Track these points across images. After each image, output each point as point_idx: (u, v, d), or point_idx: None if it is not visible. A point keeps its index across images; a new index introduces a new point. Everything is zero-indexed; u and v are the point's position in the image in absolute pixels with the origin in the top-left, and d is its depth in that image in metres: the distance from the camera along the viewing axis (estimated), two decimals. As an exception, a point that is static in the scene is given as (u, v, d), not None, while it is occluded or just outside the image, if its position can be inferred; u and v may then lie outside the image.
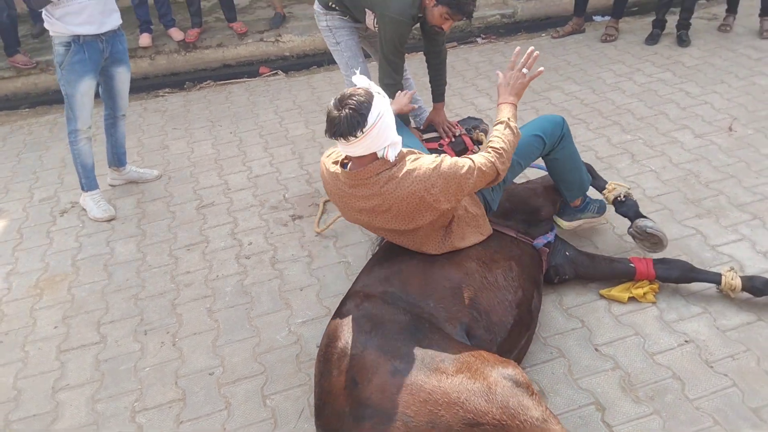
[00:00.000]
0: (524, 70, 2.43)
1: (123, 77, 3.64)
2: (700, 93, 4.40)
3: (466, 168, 2.16)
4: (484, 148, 2.32)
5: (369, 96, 2.04)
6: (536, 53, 2.44)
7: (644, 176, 3.55)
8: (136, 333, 2.84)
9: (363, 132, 2.00)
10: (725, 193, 3.32)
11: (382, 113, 2.05)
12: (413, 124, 3.61)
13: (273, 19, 6.12)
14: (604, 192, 2.95)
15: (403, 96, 2.95)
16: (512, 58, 2.46)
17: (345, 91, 2.07)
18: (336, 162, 2.28)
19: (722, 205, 3.24)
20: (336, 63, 3.65)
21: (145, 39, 5.73)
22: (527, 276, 2.47)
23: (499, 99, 2.44)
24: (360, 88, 2.08)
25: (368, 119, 2.00)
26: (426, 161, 2.16)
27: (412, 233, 2.33)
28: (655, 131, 4.00)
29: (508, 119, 2.35)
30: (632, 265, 2.71)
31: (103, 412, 2.47)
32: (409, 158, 2.18)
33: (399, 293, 2.18)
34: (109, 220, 3.65)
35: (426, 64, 3.54)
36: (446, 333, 2.07)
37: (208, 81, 5.56)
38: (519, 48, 2.47)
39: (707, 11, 5.81)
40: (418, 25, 3.38)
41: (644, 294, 2.69)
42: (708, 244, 2.98)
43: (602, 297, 2.74)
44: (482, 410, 1.77)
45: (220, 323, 2.85)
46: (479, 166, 2.19)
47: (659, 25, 5.33)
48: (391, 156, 2.11)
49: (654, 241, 2.79)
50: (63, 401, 2.54)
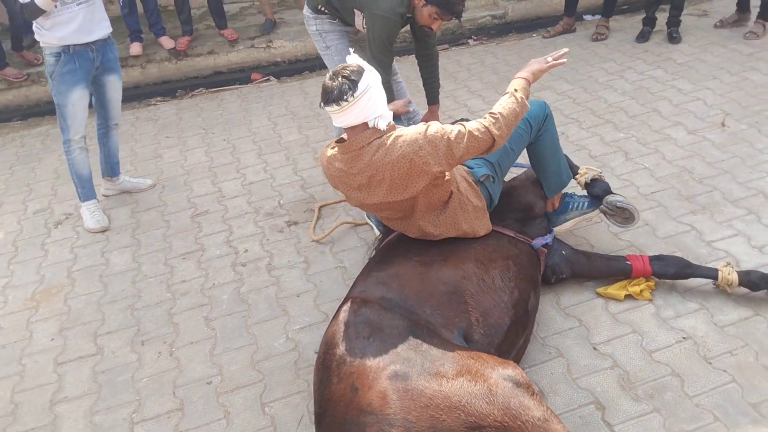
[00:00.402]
0: (548, 58, 2.50)
1: (114, 86, 3.63)
2: (692, 89, 4.41)
3: (456, 132, 2.23)
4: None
5: (360, 68, 2.20)
6: (566, 50, 2.54)
7: (638, 174, 3.56)
8: (133, 343, 2.83)
9: (354, 97, 2.14)
10: (719, 189, 3.33)
11: (372, 84, 2.19)
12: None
13: (264, 26, 6.12)
14: (577, 177, 2.93)
15: (400, 101, 3.05)
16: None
17: (338, 66, 2.22)
18: (333, 147, 2.38)
19: (717, 201, 3.25)
20: (327, 67, 3.64)
21: (136, 48, 5.72)
22: (524, 276, 2.46)
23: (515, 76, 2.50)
24: (352, 64, 2.22)
25: (359, 86, 2.15)
26: (414, 127, 2.26)
27: (411, 213, 2.37)
28: (648, 129, 4.01)
29: (515, 90, 2.38)
30: (629, 263, 2.72)
31: (102, 424, 2.45)
32: (399, 128, 2.29)
33: (397, 299, 2.17)
34: (103, 231, 3.64)
35: (418, 68, 3.55)
36: (444, 338, 2.06)
37: (200, 88, 5.55)
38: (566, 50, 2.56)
39: (697, 8, 5.84)
40: (409, 28, 3.39)
41: (641, 291, 2.69)
42: (703, 240, 2.99)
43: (599, 295, 2.74)
44: (484, 413, 1.76)
45: (218, 331, 2.84)
46: (470, 131, 2.24)
47: (649, 23, 5.35)
48: (382, 125, 2.23)
49: (625, 216, 2.80)
50: (61, 414, 2.52)
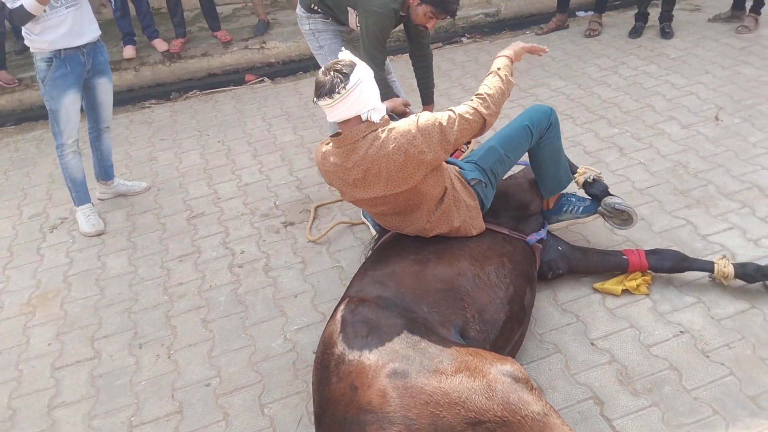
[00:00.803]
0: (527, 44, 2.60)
1: (105, 88, 3.62)
2: (686, 84, 4.43)
3: (446, 118, 2.26)
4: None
5: (352, 63, 2.22)
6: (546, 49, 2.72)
7: (633, 169, 3.56)
8: (131, 347, 2.82)
9: (346, 89, 2.16)
10: (714, 183, 3.34)
11: (364, 78, 2.21)
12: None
13: (257, 27, 6.11)
14: (575, 176, 2.91)
15: (399, 99, 3.06)
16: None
17: (330, 62, 2.25)
18: (327, 143, 2.39)
19: (711, 195, 3.26)
20: (320, 67, 3.64)
21: (129, 51, 5.71)
22: (520, 272, 2.47)
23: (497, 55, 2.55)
24: (344, 59, 2.25)
25: (350, 78, 2.17)
26: (405, 120, 2.28)
27: (405, 209, 2.38)
28: (642, 124, 4.01)
29: (498, 69, 2.42)
30: (625, 257, 2.72)
31: (100, 428, 2.45)
32: (395, 122, 2.31)
33: (393, 298, 2.17)
34: (99, 235, 3.63)
35: (412, 68, 3.55)
36: (442, 335, 2.06)
37: (194, 91, 5.54)
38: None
39: (689, 2, 5.85)
40: (402, 27, 3.39)
41: (637, 286, 2.70)
42: (699, 234, 3.00)
43: (596, 291, 2.75)
44: (483, 408, 1.76)
45: (215, 333, 2.83)
46: (461, 114, 2.28)
47: (642, 18, 5.36)
48: (375, 118, 2.25)
49: (623, 218, 2.80)
50: (59, 419, 2.51)
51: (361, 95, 2.19)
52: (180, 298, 3.08)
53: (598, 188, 2.86)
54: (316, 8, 3.35)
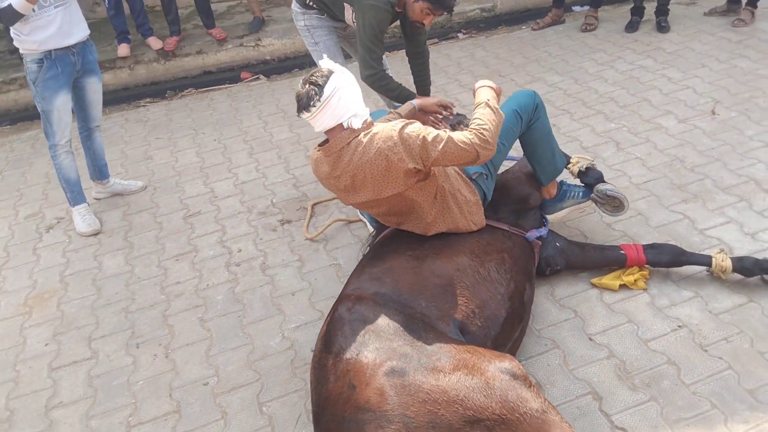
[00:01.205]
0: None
1: (95, 87, 3.60)
2: (682, 78, 4.42)
3: (434, 135, 2.20)
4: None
5: (328, 72, 2.21)
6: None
7: (630, 164, 3.56)
8: (128, 346, 2.81)
9: (321, 102, 2.16)
10: (711, 177, 3.34)
11: (341, 85, 2.19)
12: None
13: (252, 24, 6.08)
14: (569, 166, 2.92)
15: (432, 98, 2.92)
16: None
17: (308, 72, 2.25)
18: (318, 150, 2.38)
19: (708, 189, 3.25)
20: (316, 64, 3.63)
21: (124, 49, 5.68)
22: (519, 268, 2.46)
23: (475, 85, 2.48)
24: (322, 68, 2.24)
25: (324, 90, 2.16)
26: (390, 124, 2.24)
27: (402, 209, 2.37)
28: (639, 118, 4.01)
29: (487, 100, 2.35)
30: (622, 252, 2.72)
31: (98, 429, 2.44)
32: (376, 125, 2.28)
33: (391, 294, 2.17)
34: (95, 234, 3.62)
35: (409, 65, 3.54)
36: (440, 331, 2.06)
37: (190, 89, 5.52)
38: None
39: (685, -4, 5.84)
40: (399, 24, 3.38)
41: (635, 281, 2.69)
42: (696, 229, 2.99)
43: (594, 286, 2.74)
44: (482, 406, 1.76)
45: (213, 332, 2.82)
46: (451, 137, 2.20)
47: (638, 12, 5.35)
48: (356, 124, 2.23)
49: (615, 204, 2.82)
50: (57, 419, 2.50)
51: (339, 103, 2.18)
52: (177, 297, 3.07)
53: (593, 176, 2.88)
54: (312, 4, 3.34)
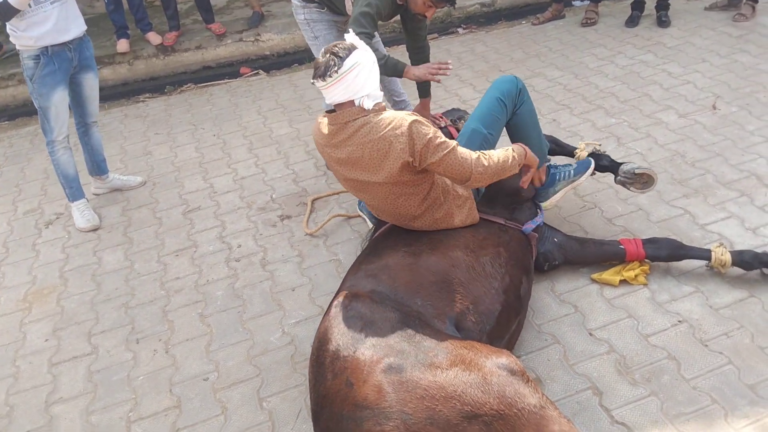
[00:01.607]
0: None
1: (91, 83, 3.59)
2: (683, 73, 4.41)
3: (440, 141, 2.21)
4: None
5: (351, 47, 2.22)
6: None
7: (631, 159, 3.54)
8: (128, 342, 2.81)
9: (338, 73, 2.17)
10: (712, 172, 3.33)
11: (361, 63, 2.20)
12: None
13: (251, 19, 6.07)
14: (576, 152, 2.95)
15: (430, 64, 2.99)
16: None
17: (332, 44, 2.25)
18: (324, 116, 2.39)
19: (709, 184, 3.25)
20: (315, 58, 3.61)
21: (123, 44, 5.67)
22: (515, 262, 2.45)
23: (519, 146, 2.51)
24: (346, 42, 2.25)
25: (345, 63, 2.17)
26: (403, 114, 2.24)
27: (389, 201, 2.37)
28: (640, 113, 4.00)
29: (513, 150, 2.40)
30: (622, 247, 2.71)
31: (98, 424, 2.44)
32: (389, 111, 2.28)
33: (387, 291, 2.16)
34: (94, 230, 3.61)
35: (409, 60, 3.53)
36: (436, 328, 2.05)
37: (189, 84, 5.50)
38: None
39: (685, -9, 5.82)
40: (399, 18, 3.36)
41: (635, 276, 2.69)
42: (697, 224, 2.99)
43: (594, 281, 2.74)
44: (480, 401, 1.76)
45: (213, 328, 2.82)
46: (456, 148, 2.22)
47: (638, 7, 5.33)
48: (367, 105, 2.23)
49: (644, 180, 2.83)
50: (57, 415, 2.50)
51: (355, 79, 2.19)
52: (177, 293, 3.06)
53: (606, 159, 2.92)
54: (312, -3, 3.32)
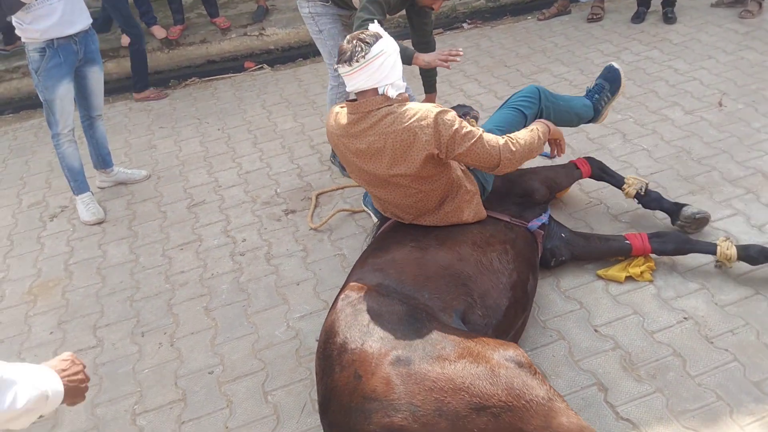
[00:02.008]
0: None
1: (96, 77, 3.59)
2: (689, 69, 4.39)
3: (467, 130, 2.21)
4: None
5: (377, 34, 2.23)
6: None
7: (636, 155, 3.54)
8: (133, 335, 2.82)
9: (365, 59, 2.16)
10: (718, 169, 3.32)
11: (387, 51, 2.21)
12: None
13: (256, 13, 6.05)
14: (624, 188, 2.92)
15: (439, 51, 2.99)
16: None
17: (358, 31, 2.28)
18: (342, 105, 2.39)
19: (715, 181, 3.24)
20: (320, 53, 3.60)
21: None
22: (522, 258, 2.46)
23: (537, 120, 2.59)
24: (372, 30, 2.26)
25: (372, 49, 2.17)
26: (429, 105, 2.24)
27: (410, 190, 2.35)
28: (646, 110, 3.99)
29: (537, 128, 2.43)
30: (627, 242, 2.71)
31: (103, 416, 2.45)
32: (414, 102, 2.29)
33: (394, 285, 2.16)
34: (99, 223, 3.62)
35: None
36: (443, 321, 2.05)
37: (193, 78, 5.50)
38: None
39: (692, -13, 5.80)
40: (405, 14, 3.35)
41: (641, 273, 2.69)
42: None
43: (599, 277, 2.74)
44: (488, 393, 1.76)
45: (218, 321, 2.83)
46: (482, 138, 2.23)
47: (645, 3, 5.31)
48: (391, 94, 2.23)
49: (702, 223, 2.83)
50: (62, 407, 2.48)
51: (381, 67, 2.19)
52: (182, 287, 3.07)
53: (659, 201, 2.90)
54: (317, -9, 3.31)
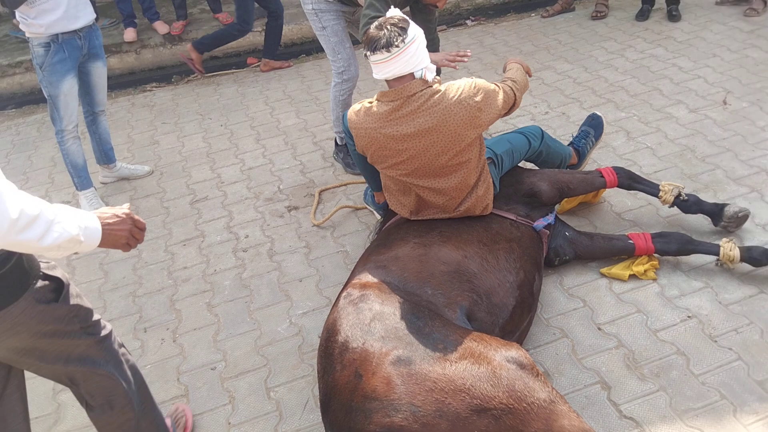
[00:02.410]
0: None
1: (100, 72, 3.58)
2: (693, 67, 4.37)
3: (493, 86, 2.37)
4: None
5: (406, 19, 2.24)
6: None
7: (640, 153, 3.53)
8: (136, 331, 2.82)
9: (404, 43, 2.17)
10: (722, 167, 3.31)
11: (419, 36, 2.24)
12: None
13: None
14: (660, 195, 2.85)
15: (445, 53, 3.03)
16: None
17: (382, 18, 2.26)
18: (370, 101, 2.39)
19: (719, 179, 3.23)
20: (323, 49, 3.59)
21: (130, 33, 5.65)
22: (528, 258, 2.45)
23: (508, 60, 2.76)
24: (396, 16, 2.25)
25: (408, 33, 2.19)
26: (464, 80, 2.34)
27: (460, 163, 2.37)
28: (650, 107, 3.97)
29: (516, 70, 2.62)
30: (631, 242, 2.70)
31: (106, 412, 2.44)
32: (449, 81, 2.36)
33: (397, 282, 2.16)
34: (102, 219, 3.61)
35: None
36: (446, 319, 2.04)
37: (196, 74, 5.49)
38: None
39: (696, -15, 5.77)
40: (409, 11, 3.34)
41: (645, 271, 2.68)
42: (707, 219, 2.97)
43: (603, 276, 2.73)
44: (489, 395, 1.74)
45: (220, 317, 2.82)
46: (502, 86, 2.43)
47: (649, 1, 5.29)
48: (429, 77, 2.27)
49: (743, 220, 2.82)
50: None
51: (417, 51, 2.21)
52: (184, 282, 3.07)
53: (699, 205, 2.84)
54: (320, -12, 3.30)
